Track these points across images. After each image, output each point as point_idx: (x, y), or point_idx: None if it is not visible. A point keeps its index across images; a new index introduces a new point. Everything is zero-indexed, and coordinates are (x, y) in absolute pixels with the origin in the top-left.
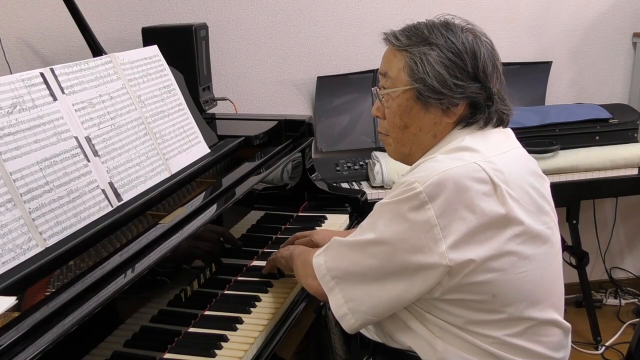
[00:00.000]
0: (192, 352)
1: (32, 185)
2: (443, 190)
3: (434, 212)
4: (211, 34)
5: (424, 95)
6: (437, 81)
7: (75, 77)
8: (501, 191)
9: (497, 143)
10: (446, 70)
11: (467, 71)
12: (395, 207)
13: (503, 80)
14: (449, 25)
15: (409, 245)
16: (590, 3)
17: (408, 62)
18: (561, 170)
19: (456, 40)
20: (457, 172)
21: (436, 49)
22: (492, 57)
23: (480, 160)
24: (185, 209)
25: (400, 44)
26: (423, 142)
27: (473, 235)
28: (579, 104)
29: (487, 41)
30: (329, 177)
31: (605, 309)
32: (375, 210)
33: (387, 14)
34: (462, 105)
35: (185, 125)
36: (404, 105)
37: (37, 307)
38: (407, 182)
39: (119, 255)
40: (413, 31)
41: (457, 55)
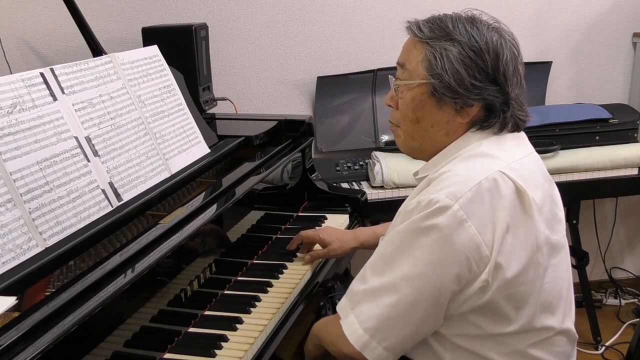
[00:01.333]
0: (192, 352)
1: (32, 185)
2: (479, 204)
3: (475, 230)
4: (211, 34)
5: (439, 92)
6: (454, 79)
7: (75, 77)
8: (528, 200)
9: (514, 148)
10: (465, 69)
11: (486, 72)
12: (429, 230)
13: (524, 84)
14: (474, 21)
15: (455, 269)
16: (590, 3)
17: (427, 56)
18: (561, 170)
19: (480, 39)
20: (489, 185)
21: (458, 46)
22: (514, 61)
23: (504, 168)
24: (185, 209)
25: (422, 35)
26: (434, 139)
27: (512, 250)
28: (579, 104)
29: (512, 43)
30: (329, 177)
31: (605, 309)
32: (401, 236)
33: (387, 14)
34: (477, 106)
35: (185, 125)
36: (418, 99)
37: (37, 307)
38: (434, 200)
39: (119, 255)
40: (437, 24)
41: (478, 55)
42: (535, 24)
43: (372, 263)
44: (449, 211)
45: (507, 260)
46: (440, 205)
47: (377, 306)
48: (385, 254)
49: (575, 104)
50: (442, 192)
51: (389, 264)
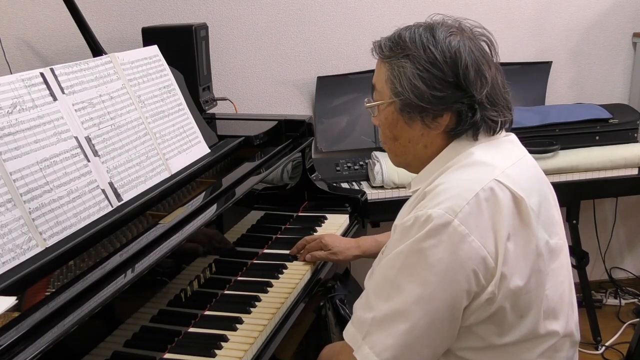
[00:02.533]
0: (192, 352)
1: (32, 185)
2: (479, 217)
3: (479, 243)
4: (211, 34)
5: (405, 109)
6: (414, 95)
7: (75, 77)
8: (526, 208)
9: (506, 153)
10: (423, 82)
11: (447, 80)
12: (432, 249)
13: (498, 82)
14: (433, 30)
15: (465, 285)
16: (590, 3)
17: (389, 75)
18: (561, 170)
19: (435, 49)
20: (486, 195)
21: (413, 61)
22: (476, 62)
23: (499, 176)
24: (185, 209)
25: (383, 55)
26: (416, 153)
27: (515, 259)
28: (579, 104)
29: (474, 45)
30: (329, 177)
31: (605, 309)
32: (404, 257)
33: (386, 14)
34: (447, 116)
35: (185, 125)
36: (390, 118)
37: (37, 307)
38: (433, 216)
39: (119, 255)
40: (395, 41)
41: (434, 65)
42: (535, 24)
43: (376, 287)
44: (449, 227)
45: (511, 270)
46: (440, 221)
47: (391, 335)
48: (389, 277)
49: (575, 104)
50: (440, 207)
51: (395, 287)
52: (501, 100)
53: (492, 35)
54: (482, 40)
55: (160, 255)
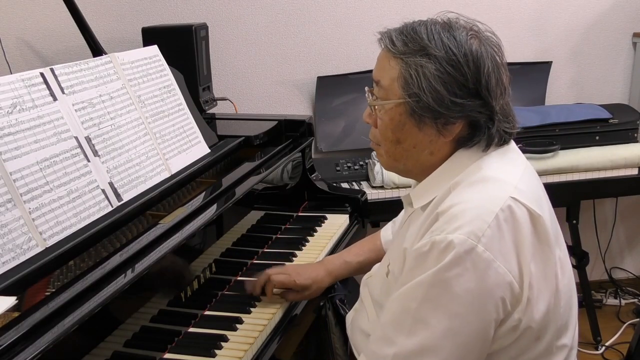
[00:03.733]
0: (192, 352)
1: (32, 185)
2: (502, 240)
3: (505, 268)
4: (211, 34)
5: (417, 112)
6: (432, 98)
7: (75, 77)
8: (543, 225)
9: (512, 163)
10: (444, 86)
11: (467, 87)
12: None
13: (509, 92)
14: (451, 29)
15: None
16: (590, 3)
17: (403, 73)
18: (561, 170)
19: (458, 50)
20: (506, 216)
21: (434, 61)
22: (497, 70)
23: (513, 192)
24: (185, 209)
25: (395, 50)
26: (418, 159)
27: (538, 282)
28: (579, 104)
29: (493, 47)
30: (329, 177)
31: (605, 309)
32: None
33: (386, 13)
34: (460, 124)
35: (185, 125)
36: (396, 120)
37: (37, 307)
38: (455, 243)
39: (119, 255)
40: (411, 36)
41: (457, 69)
42: (535, 24)
43: (395, 321)
44: (473, 254)
45: (535, 293)
46: (463, 248)
47: None
48: (410, 309)
49: (575, 104)
50: (461, 231)
51: (420, 321)
52: (510, 110)
53: (499, 38)
54: (494, 45)
55: (160, 255)
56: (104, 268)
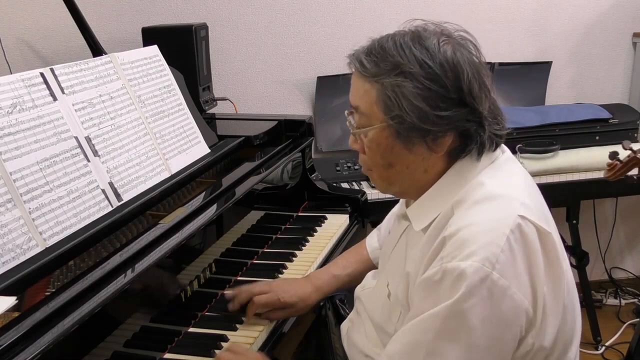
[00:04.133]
0: (192, 352)
1: (32, 185)
2: (515, 264)
3: (520, 294)
4: (211, 34)
5: (403, 133)
6: (416, 117)
7: (75, 77)
8: (551, 242)
9: (513, 175)
10: (426, 102)
11: (450, 97)
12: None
13: (492, 89)
14: (421, 39)
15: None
16: (590, 3)
17: (381, 96)
18: (561, 170)
19: (433, 62)
20: (517, 237)
21: (411, 79)
22: (477, 72)
23: (520, 209)
24: (185, 209)
25: (367, 72)
26: (414, 179)
27: (550, 304)
28: (579, 104)
29: (468, 48)
30: (329, 177)
31: (605, 309)
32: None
33: (387, 13)
34: (451, 136)
35: (185, 125)
36: (384, 144)
37: (37, 307)
38: (469, 271)
39: (119, 255)
40: (380, 55)
41: (436, 82)
42: (535, 24)
43: (407, 353)
44: (488, 281)
45: (548, 316)
46: (478, 277)
47: None
48: (423, 342)
49: (575, 104)
50: (474, 258)
51: (435, 354)
52: (497, 110)
53: (472, 35)
54: (469, 46)
55: (160, 255)
56: (104, 268)
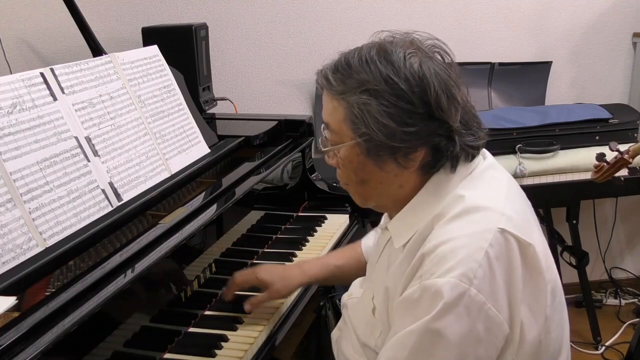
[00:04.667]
0: (192, 352)
1: (32, 185)
2: (493, 280)
3: (495, 310)
4: (211, 34)
5: (373, 150)
6: (383, 135)
7: (75, 77)
8: (533, 254)
9: (494, 184)
10: (392, 119)
11: (417, 113)
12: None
13: (466, 100)
14: (387, 53)
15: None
16: (590, 3)
17: (348, 114)
18: (561, 170)
19: (398, 78)
20: (496, 252)
21: (375, 96)
22: (445, 85)
23: (500, 222)
24: (185, 209)
25: (334, 90)
26: (389, 194)
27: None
28: (579, 104)
29: (436, 61)
30: (329, 177)
31: (605, 309)
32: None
33: (387, 13)
34: (422, 151)
35: (185, 125)
36: (355, 161)
37: (37, 307)
38: (445, 288)
39: (119, 255)
40: (346, 72)
41: (401, 98)
42: (535, 24)
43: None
44: (465, 297)
45: (526, 330)
46: (455, 293)
47: None
48: (401, 359)
49: (575, 104)
50: (452, 275)
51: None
52: (472, 120)
53: (444, 43)
54: (436, 53)
55: (160, 255)
56: (104, 268)
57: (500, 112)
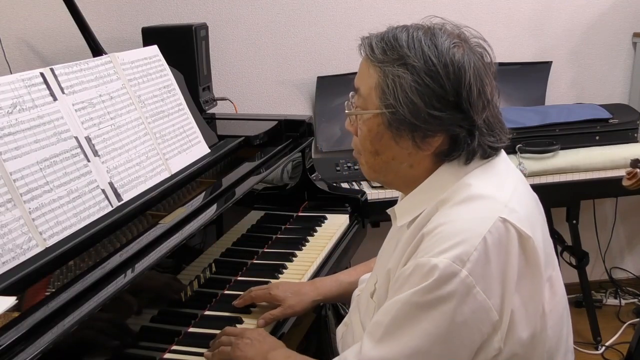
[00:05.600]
0: (192, 352)
1: (32, 185)
2: (487, 266)
3: (484, 295)
4: (211, 34)
5: (394, 124)
6: (409, 110)
7: (75, 77)
8: (532, 247)
9: (503, 178)
10: (421, 98)
11: (447, 99)
12: (436, 302)
13: (497, 103)
14: (434, 37)
15: (467, 342)
16: (590, 3)
17: (380, 83)
18: (561, 170)
19: (438, 60)
20: (494, 240)
21: (412, 72)
22: (480, 81)
23: (503, 212)
24: (185, 209)
25: (374, 58)
26: (398, 172)
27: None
28: (579, 104)
29: (479, 56)
30: (329, 177)
31: (605, 309)
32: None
33: (387, 13)
34: (440, 137)
35: (185, 125)
36: (374, 131)
37: (37, 307)
38: (439, 266)
39: (119, 255)
40: (391, 43)
41: (436, 81)
42: (535, 24)
43: (370, 332)
44: (456, 278)
45: (518, 322)
46: (447, 272)
47: None
48: (382, 323)
49: (575, 104)
50: (447, 255)
51: (389, 335)
52: (497, 123)
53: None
54: (480, 53)
55: (160, 255)
56: (104, 268)
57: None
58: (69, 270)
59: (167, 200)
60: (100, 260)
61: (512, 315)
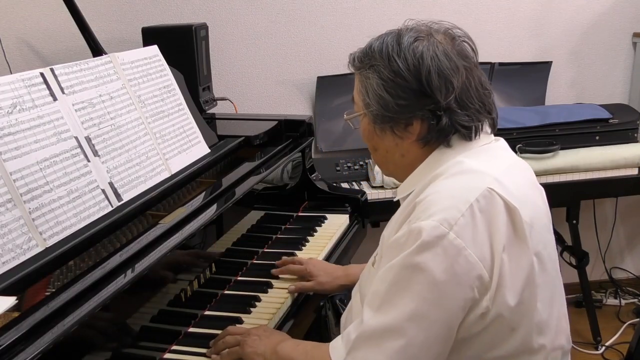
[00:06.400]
0: (192, 352)
1: (32, 185)
2: (475, 229)
3: (475, 257)
4: (211, 34)
5: (376, 120)
6: (380, 105)
7: (75, 77)
8: (519, 218)
9: (498, 159)
10: (387, 92)
11: (411, 88)
12: (427, 263)
13: (472, 85)
14: (400, 37)
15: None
16: (590, 3)
17: (359, 87)
18: (561, 170)
19: (398, 57)
20: (481, 206)
21: (376, 71)
22: (439, 67)
23: (491, 183)
24: (185, 209)
25: (354, 67)
26: (395, 162)
27: (510, 272)
28: (579, 104)
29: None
30: (329, 177)
31: (605, 309)
32: (396, 272)
33: (387, 13)
34: (418, 124)
35: (185, 125)
36: (367, 130)
37: (37, 307)
38: (427, 229)
39: (119, 255)
40: (365, 52)
41: (397, 74)
42: (535, 24)
43: (369, 302)
44: (445, 240)
45: (505, 283)
46: (434, 233)
47: (382, 351)
48: (379, 292)
49: (575, 104)
50: (434, 218)
51: (387, 302)
52: (475, 103)
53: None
54: (462, 41)
55: (160, 255)
56: (104, 268)
57: (500, 112)
58: (69, 270)
59: (167, 200)
60: (100, 260)
61: (500, 278)
